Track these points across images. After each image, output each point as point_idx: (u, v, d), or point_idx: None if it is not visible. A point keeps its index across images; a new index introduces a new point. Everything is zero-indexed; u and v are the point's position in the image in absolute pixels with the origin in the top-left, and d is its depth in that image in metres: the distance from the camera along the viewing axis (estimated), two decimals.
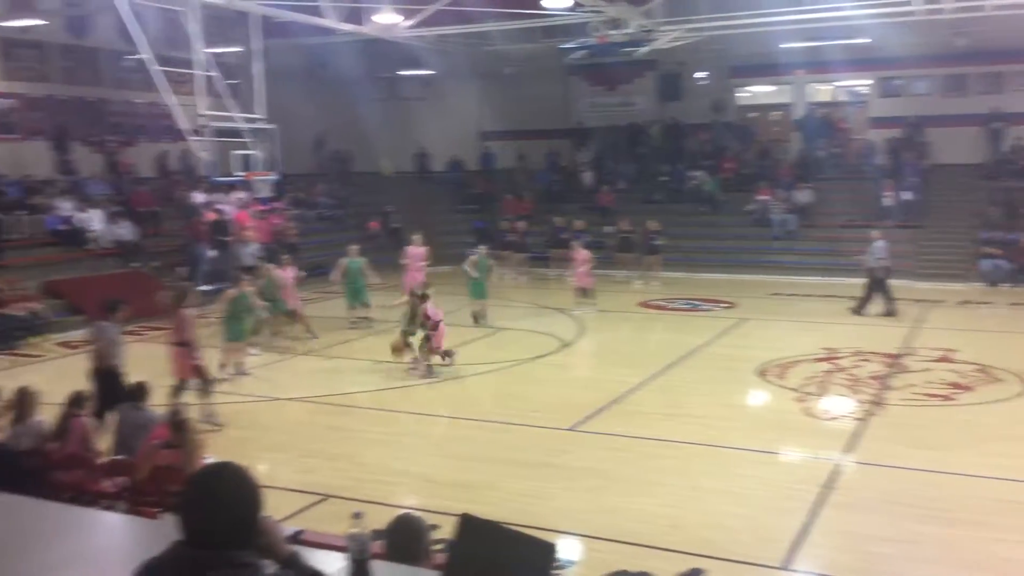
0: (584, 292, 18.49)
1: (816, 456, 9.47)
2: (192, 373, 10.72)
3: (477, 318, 16.86)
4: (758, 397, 12.29)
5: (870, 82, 26.59)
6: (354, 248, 17.15)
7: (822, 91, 28.05)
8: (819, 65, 25.26)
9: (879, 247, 17.61)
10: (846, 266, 22.19)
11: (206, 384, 10.80)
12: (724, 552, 6.99)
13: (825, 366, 13.24)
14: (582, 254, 18.68)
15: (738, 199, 25.53)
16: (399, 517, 4.07)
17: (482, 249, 17.67)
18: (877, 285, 17.47)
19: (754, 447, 9.65)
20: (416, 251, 17.97)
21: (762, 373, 12.93)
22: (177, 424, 6.93)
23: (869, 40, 22.54)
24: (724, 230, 25.18)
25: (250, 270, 18.07)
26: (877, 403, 11.28)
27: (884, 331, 15.96)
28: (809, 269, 22.56)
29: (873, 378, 12.47)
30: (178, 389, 10.68)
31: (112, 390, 9.32)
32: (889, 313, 17.26)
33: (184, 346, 10.68)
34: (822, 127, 26.78)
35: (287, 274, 15.86)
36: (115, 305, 10.47)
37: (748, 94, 28.66)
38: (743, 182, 26.23)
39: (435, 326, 13.19)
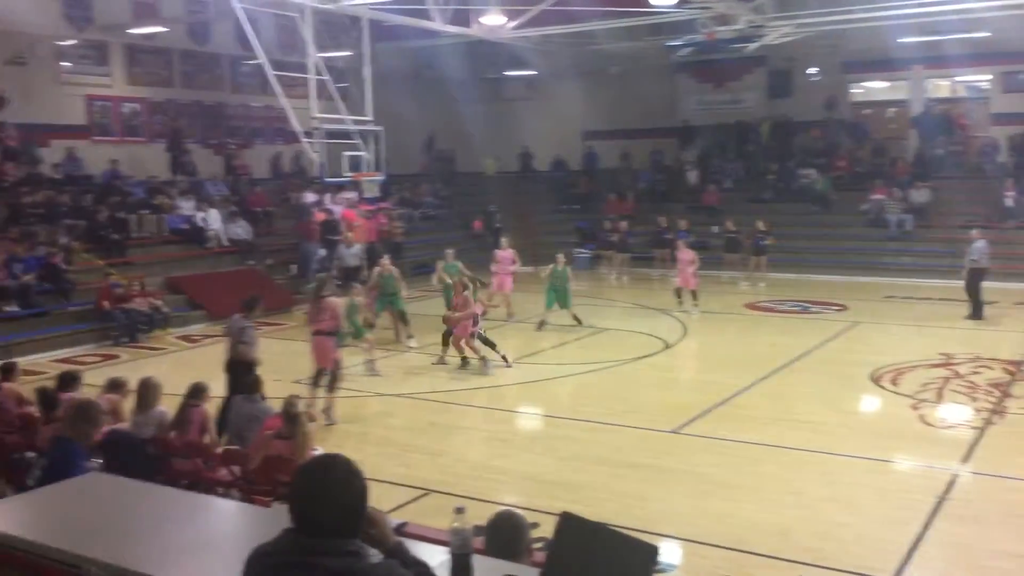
0: (688, 293, 18.14)
1: (931, 465, 9.11)
2: (333, 363, 10.96)
3: (542, 325, 16.43)
4: (870, 403, 11.90)
5: (991, 77, 25.44)
6: (450, 252, 17.13)
7: (941, 87, 26.96)
8: (937, 60, 24.27)
9: (978, 248, 17.05)
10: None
11: (335, 379, 11.02)
12: (833, 561, 6.81)
13: (942, 372, 12.72)
14: (688, 254, 18.32)
15: (851, 198, 24.79)
16: (500, 513, 4.09)
17: (560, 258, 17.03)
18: (973, 284, 17.04)
19: (866, 455, 9.34)
20: (504, 254, 17.91)
21: (875, 379, 12.52)
22: (291, 416, 7.15)
23: (990, 33, 21.58)
24: (836, 230, 24.46)
25: (356, 271, 18.49)
26: (997, 412, 10.79)
27: (1005, 336, 15.29)
28: (926, 271, 21.69)
29: (993, 385, 11.92)
30: (318, 377, 10.97)
31: (245, 384, 9.60)
32: (972, 316, 16.81)
33: (329, 335, 10.96)
34: (941, 124, 25.70)
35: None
36: (253, 302, 10.82)
37: (862, 90, 27.79)
38: (856, 181, 25.46)
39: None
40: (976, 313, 16.83)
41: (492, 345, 13.58)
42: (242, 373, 9.63)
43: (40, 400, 8.07)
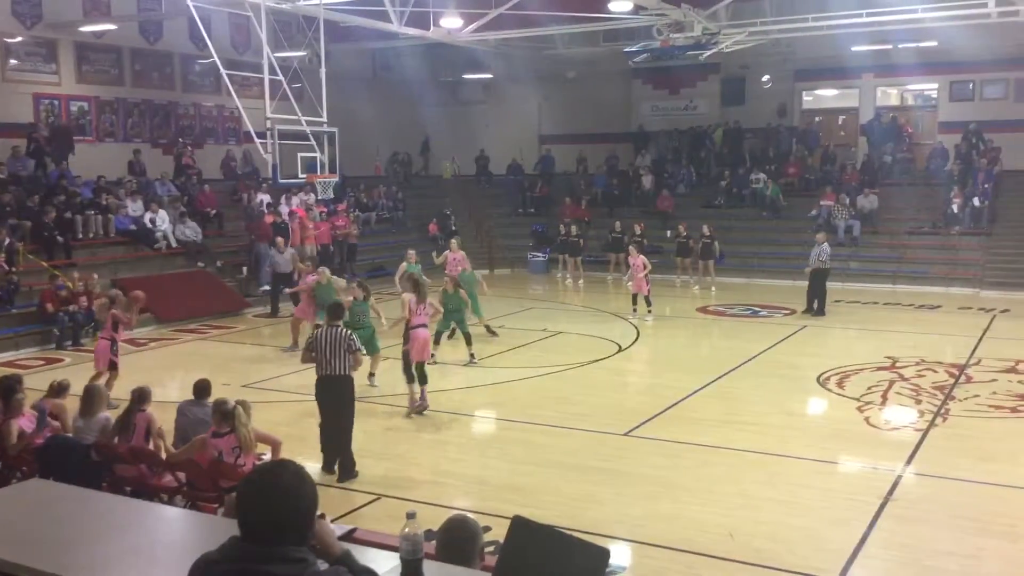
0: (641, 299, 18.01)
1: (876, 467, 9.28)
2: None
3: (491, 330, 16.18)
4: (817, 405, 12.09)
5: (938, 86, 26.06)
6: (412, 253, 16.90)
7: (890, 95, 27.54)
8: (887, 68, 24.86)
9: (823, 249, 18.46)
10: (912, 273, 21.78)
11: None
12: (780, 562, 6.90)
13: (887, 375, 12.97)
14: (640, 260, 18.30)
15: (801, 204, 25.17)
16: (451, 518, 4.07)
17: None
18: (818, 284, 18.33)
19: (812, 456, 9.49)
20: (455, 256, 17.77)
21: (822, 381, 12.72)
22: (224, 413, 7.13)
23: (937, 43, 22.10)
24: (786, 236, 24.79)
25: (288, 277, 18.21)
26: (940, 414, 11.02)
27: (949, 340, 15.61)
28: (873, 276, 22.11)
29: (937, 388, 12.18)
30: (419, 370, 11.27)
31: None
32: (817, 313, 18.09)
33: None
34: (890, 132, 26.23)
35: (311, 280, 15.34)
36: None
37: (813, 98, 28.26)
38: (807, 187, 25.90)
39: None
40: (819, 310, 18.12)
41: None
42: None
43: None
